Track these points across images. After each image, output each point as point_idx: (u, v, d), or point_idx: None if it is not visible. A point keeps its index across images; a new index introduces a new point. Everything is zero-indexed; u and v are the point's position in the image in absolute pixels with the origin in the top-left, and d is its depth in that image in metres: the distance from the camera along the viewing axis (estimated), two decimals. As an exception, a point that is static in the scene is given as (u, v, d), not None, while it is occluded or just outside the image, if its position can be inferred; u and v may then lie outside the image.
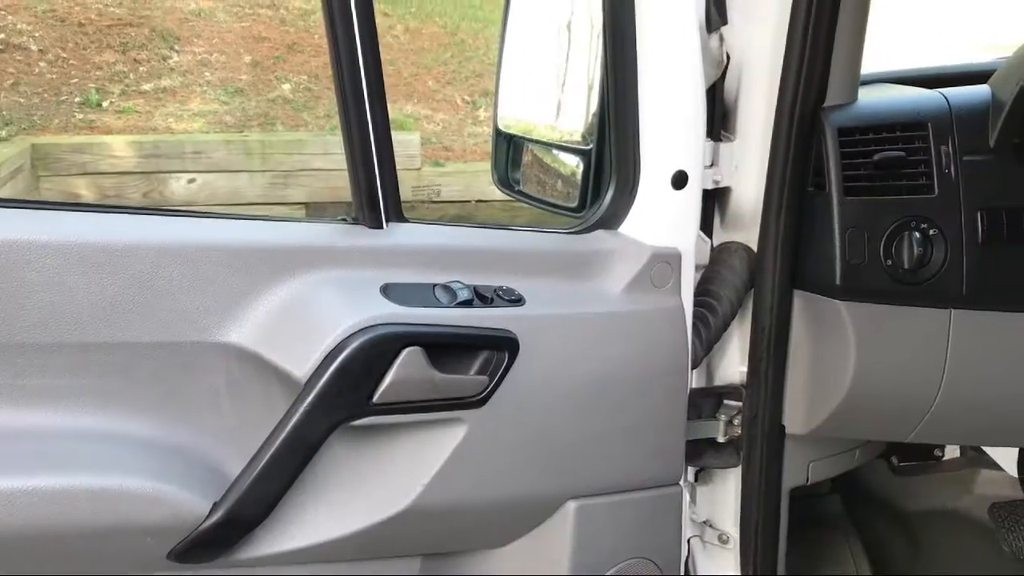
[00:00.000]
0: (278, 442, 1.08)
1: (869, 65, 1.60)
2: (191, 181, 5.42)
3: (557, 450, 1.24)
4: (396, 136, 1.20)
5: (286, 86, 6.33)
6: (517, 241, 1.30)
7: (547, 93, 1.53)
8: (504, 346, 1.15)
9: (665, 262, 1.29)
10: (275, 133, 5.88)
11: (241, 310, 1.09)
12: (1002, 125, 1.26)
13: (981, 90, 1.32)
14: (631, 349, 1.27)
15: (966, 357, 1.31)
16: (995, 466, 1.91)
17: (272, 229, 1.16)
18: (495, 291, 1.18)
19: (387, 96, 1.14)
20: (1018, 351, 1.31)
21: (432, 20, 7.23)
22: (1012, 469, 1.90)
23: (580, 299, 1.26)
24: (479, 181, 5.50)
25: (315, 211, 5.38)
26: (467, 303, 1.15)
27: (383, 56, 1.13)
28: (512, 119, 1.61)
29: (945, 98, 1.31)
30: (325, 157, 5.45)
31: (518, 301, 1.19)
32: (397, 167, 1.17)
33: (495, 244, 1.27)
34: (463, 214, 5.19)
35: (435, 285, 1.17)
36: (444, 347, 1.13)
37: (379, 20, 1.12)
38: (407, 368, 1.08)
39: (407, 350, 1.08)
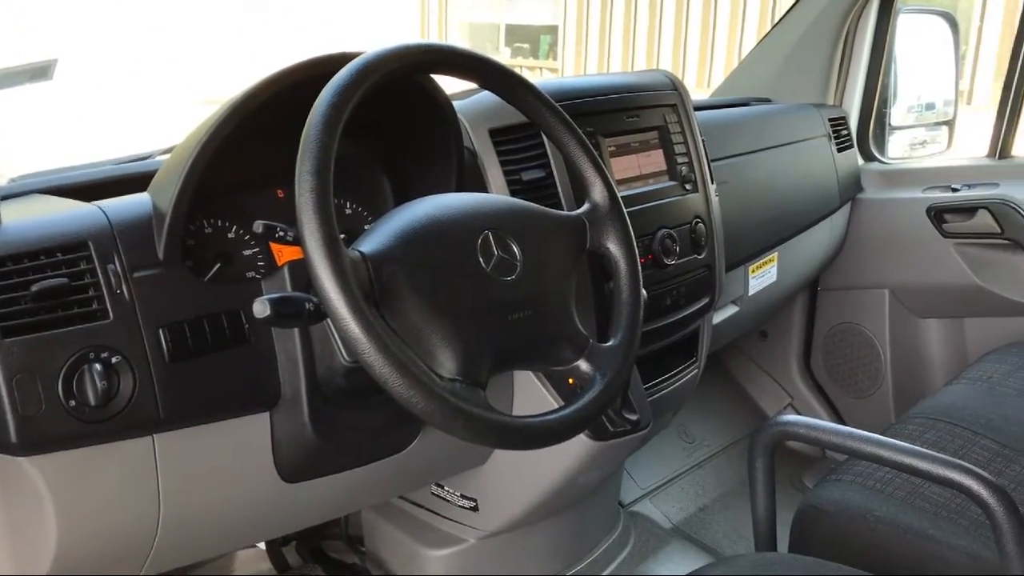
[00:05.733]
0: None
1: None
2: None
3: None
4: None
5: None
6: None
7: None
8: None
9: None
10: None
11: None
12: (167, 235, 1.21)
13: (141, 200, 1.25)
14: None
15: (178, 478, 1.24)
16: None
17: None
18: None
19: None
20: (221, 458, 1.28)
21: None
22: (262, 544, 1.95)
23: None
24: None
25: None
26: None
27: None
28: None
29: (104, 212, 1.21)
30: None
31: None
32: None
33: None
34: None
35: None
36: None
37: None
38: None
39: None
